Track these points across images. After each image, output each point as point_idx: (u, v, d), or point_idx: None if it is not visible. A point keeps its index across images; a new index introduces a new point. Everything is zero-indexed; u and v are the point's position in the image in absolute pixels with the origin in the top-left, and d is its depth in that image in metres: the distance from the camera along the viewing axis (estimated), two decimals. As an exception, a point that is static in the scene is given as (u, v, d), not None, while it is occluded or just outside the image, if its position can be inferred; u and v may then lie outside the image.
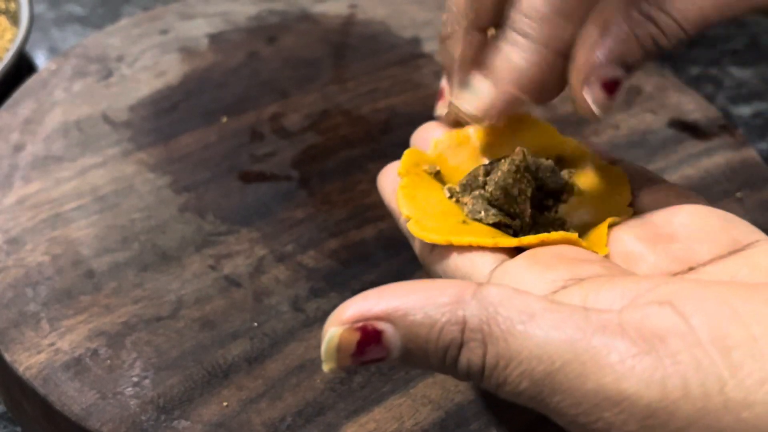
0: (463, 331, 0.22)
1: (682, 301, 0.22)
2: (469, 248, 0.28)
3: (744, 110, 0.56)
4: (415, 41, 0.51)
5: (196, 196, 0.40)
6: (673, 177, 0.42)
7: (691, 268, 0.26)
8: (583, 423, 0.21)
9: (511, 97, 0.30)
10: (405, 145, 0.44)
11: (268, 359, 0.33)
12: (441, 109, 0.34)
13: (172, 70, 0.48)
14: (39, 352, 0.33)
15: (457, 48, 0.31)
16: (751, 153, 0.45)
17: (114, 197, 0.40)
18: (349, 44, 0.51)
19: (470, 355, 0.22)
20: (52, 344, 0.34)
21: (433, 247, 0.28)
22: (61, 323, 0.34)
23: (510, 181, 0.29)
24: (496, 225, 0.29)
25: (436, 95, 0.35)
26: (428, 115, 0.45)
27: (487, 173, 0.30)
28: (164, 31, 0.51)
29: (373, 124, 0.45)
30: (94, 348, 0.34)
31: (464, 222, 0.29)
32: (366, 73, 0.49)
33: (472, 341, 0.22)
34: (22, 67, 0.53)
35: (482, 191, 0.30)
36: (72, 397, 0.32)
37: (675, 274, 0.26)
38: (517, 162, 0.29)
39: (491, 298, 0.22)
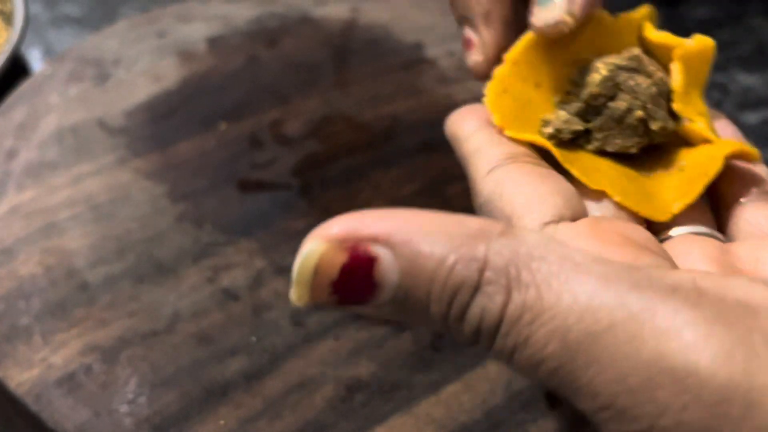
0: (481, 271, 0.17)
1: None
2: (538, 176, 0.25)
3: (751, 117, 0.55)
4: (418, 46, 0.50)
5: (194, 205, 0.40)
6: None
7: None
8: (623, 406, 0.16)
9: None
10: (409, 152, 0.43)
11: (267, 376, 0.33)
12: (473, 57, 0.31)
13: (170, 74, 0.47)
14: (31, 368, 0.32)
15: None
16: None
17: (109, 206, 0.39)
18: (351, 49, 0.50)
19: (486, 303, 0.17)
20: (45, 359, 0.33)
21: (491, 171, 0.25)
22: (55, 337, 0.33)
23: (606, 83, 0.27)
24: (575, 141, 0.27)
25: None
26: (432, 122, 0.45)
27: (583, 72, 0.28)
28: (162, 34, 0.50)
29: (376, 130, 0.45)
30: (88, 363, 0.33)
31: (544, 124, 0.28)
32: (368, 79, 0.48)
33: (491, 285, 0.17)
34: (17, 69, 0.52)
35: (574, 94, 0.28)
36: (65, 414, 0.31)
37: None
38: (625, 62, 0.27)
39: (524, 238, 0.17)
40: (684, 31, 0.30)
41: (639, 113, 0.27)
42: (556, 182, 0.24)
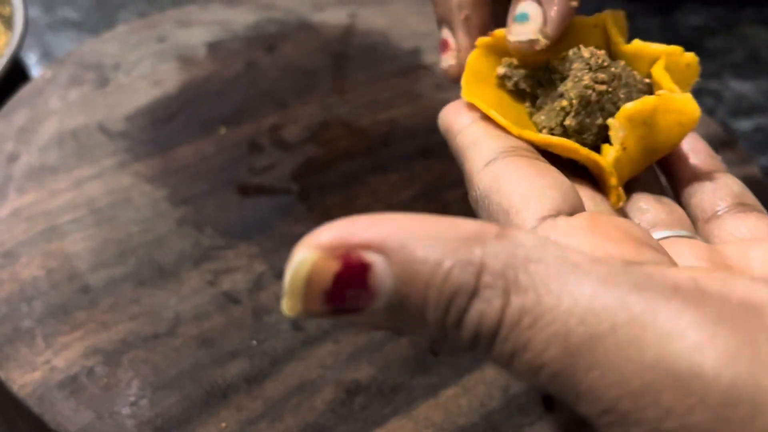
0: (479, 276, 0.16)
1: None
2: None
3: (744, 124, 0.56)
4: (416, 52, 0.51)
5: (195, 209, 0.40)
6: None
7: None
8: (625, 410, 0.16)
9: (568, 8, 0.28)
10: (406, 157, 0.44)
11: (267, 379, 0.33)
12: (447, 60, 0.32)
13: (170, 78, 0.48)
14: (34, 370, 0.33)
15: None
16: (752, 170, 0.45)
17: (110, 210, 0.39)
18: (349, 54, 0.50)
19: (484, 307, 0.16)
20: (48, 362, 0.33)
21: (488, 164, 0.25)
22: (57, 340, 0.34)
23: (587, 83, 0.27)
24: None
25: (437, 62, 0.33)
26: (429, 127, 0.45)
27: (559, 75, 0.28)
28: (161, 39, 0.50)
29: (374, 136, 0.45)
30: (90, 366, 0.33)
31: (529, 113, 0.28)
32: (366, 84, 0.48)
33: (489, 289, 0.16)
34: (16, 72, 0.52)
35: (558, 100, 0.28)
36: (67, 416, 0.31)
37: None
38: (590, 61, 0.27)
39: (520, 240, 0.17)
40: (678, 39, 0.30)
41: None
42: (553, 176, 0.24)
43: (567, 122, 0.27)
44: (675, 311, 0.16)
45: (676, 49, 0.29)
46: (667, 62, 0.28)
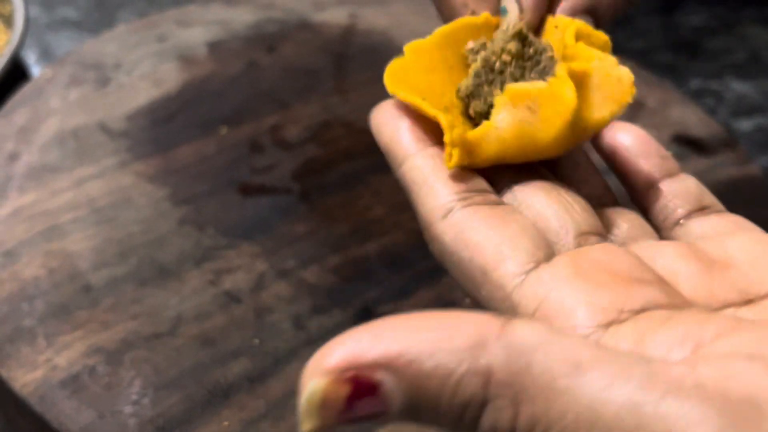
0: (487, 386, 0.17)
1: None
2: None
3: (745, 124, 0.56)
4: (416, 52, 0.51)
5: (196, 208, 0.40)
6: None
7: (749, 301, 0.23)
8: None
9: None
10: (407, 158, 0.43)
11: (269, 378, 0.33)
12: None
13: (170, 78, 0.48)
14: (35, 369, 0.33)
15: None
16: (753, 170, 0.45)
17: (111, 209, 0.39)
18: (350, 54, 0.50)
19: (497, 416, 0.17)
20: (49, 360, 0.33)
21: (446, 215, 0.25)
22: (58, 339, 0.34)
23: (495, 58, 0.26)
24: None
25: None
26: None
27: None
28: (162, 39, 0.50)
29: (375, 136, 0.45)
30: (91, 365, 0.33)
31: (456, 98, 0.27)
32: (367, 84, 0.48)
33: (499, 398, 0.17)
34: (15, 72, 0.52)
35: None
36: (69, 415, 0.31)
37: (730, 305, 0.23)
38: (507, 33, 0.26)
39: (523, 340, 0.17)
40: (678, 39, 0.30)
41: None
42: (517, 222, 0.24)
43: (465, 83, 0.26)
44: (682, 421, 0.16)
45: (610, 59, 0.27)
46: (598, 75, 0.26)
